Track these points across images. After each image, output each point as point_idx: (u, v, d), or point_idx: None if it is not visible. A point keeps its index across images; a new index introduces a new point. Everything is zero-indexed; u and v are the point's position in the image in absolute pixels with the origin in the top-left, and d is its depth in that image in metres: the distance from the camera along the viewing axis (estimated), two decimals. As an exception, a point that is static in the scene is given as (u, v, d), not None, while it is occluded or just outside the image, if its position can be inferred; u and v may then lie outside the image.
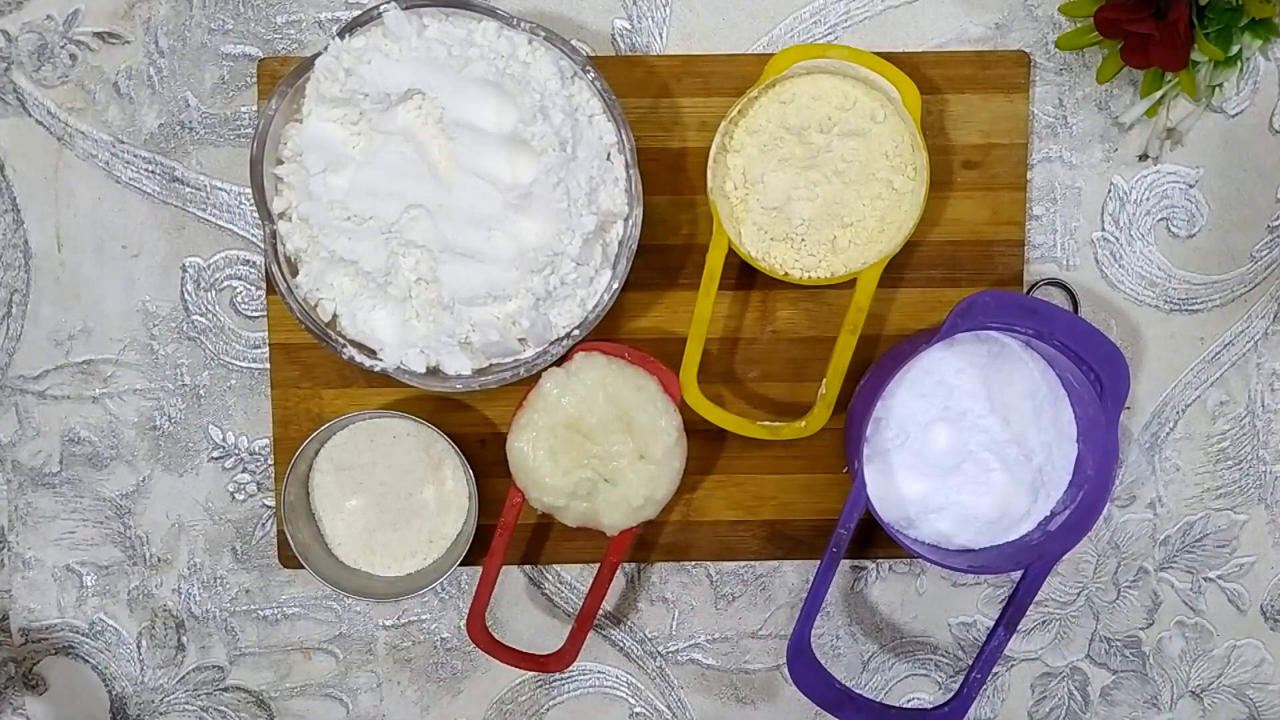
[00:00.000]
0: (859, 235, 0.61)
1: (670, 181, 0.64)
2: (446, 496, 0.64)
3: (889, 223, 0.61)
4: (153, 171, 0.65)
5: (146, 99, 0.64)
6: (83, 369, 0.65)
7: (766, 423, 0.62)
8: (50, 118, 0.64)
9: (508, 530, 0.61)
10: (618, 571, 0.65)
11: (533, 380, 0.59)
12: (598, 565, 0.62)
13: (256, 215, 0.59)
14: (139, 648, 0.67)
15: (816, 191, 0.60)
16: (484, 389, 0.58)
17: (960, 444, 0.62)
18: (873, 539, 0.66)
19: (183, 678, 0.67)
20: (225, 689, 0.67)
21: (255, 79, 0.64)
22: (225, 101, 0.64)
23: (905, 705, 0.68)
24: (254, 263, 0.65)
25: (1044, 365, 0.62)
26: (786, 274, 0.61)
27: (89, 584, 0.66)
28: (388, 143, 0.56)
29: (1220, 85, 0.63)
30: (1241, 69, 0.64)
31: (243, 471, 0.66)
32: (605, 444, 0.59)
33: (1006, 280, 0.65)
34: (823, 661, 0.65)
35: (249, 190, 0.57)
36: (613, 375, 0.59)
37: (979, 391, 0.61)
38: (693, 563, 0.67)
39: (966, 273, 0.65)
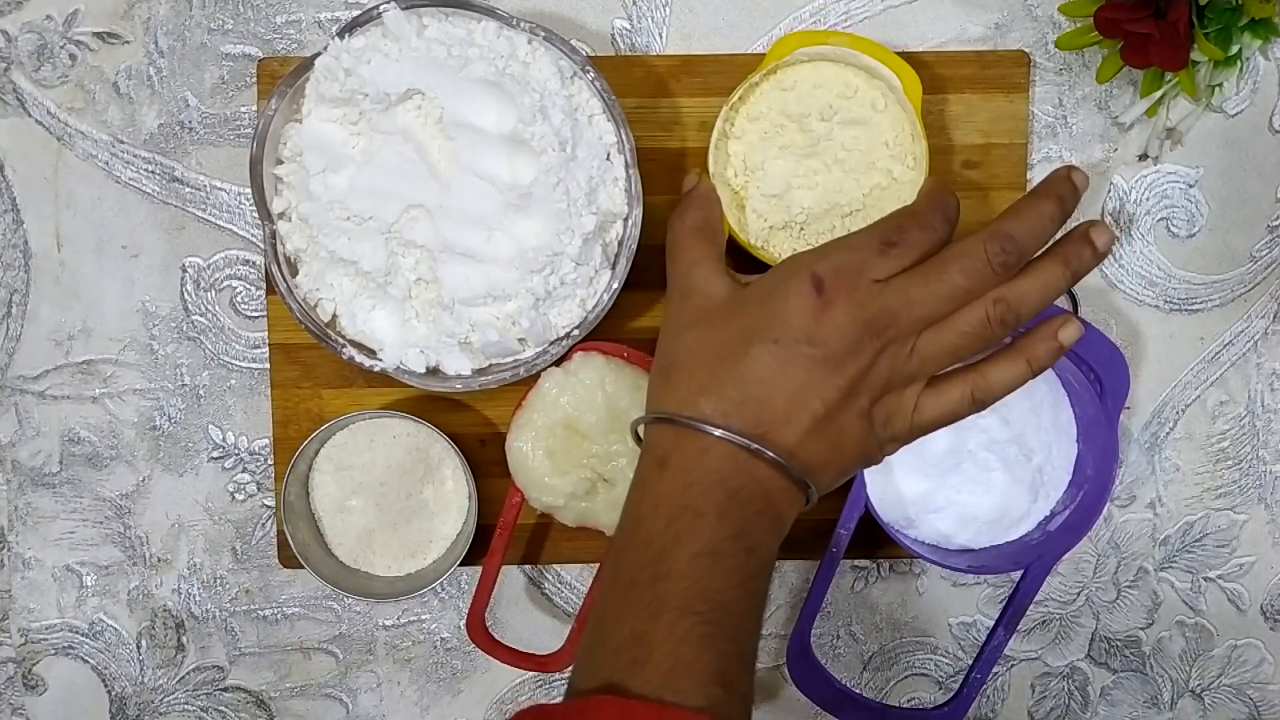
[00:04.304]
0: (858, 224, 0.60)
1: (670, 181, 0.64)
2: (446, 496, 0.64)
3: (888, 212, 0.60)
4: (152, 171, 0.65)
5: (146, 99, 0.64)
6: (83, 369, 0.65)
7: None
8: (50, 118, 0.64)
9: (507, 530, 0.62)
10: (618, 571, 0.65)
11: (532, 380, 0.59)
12: (598, 565, 0.62)
13: (256, 215, 0.59)
14: (139, 648, 0.67)
15: (816, 180, 0.60)
16: (484, 389, 0.58)
17: (960, 443, 0.62)
18: (873, 539, 0.66)
19: (183, 678, 0.67)
20: (225, 689, 0.67)
21: (255, 79, 0.64)
22: (225, 101, 0.64)
23: (905, 705, 0.68)
24: (254, 263, 0.65)
25: (1044, 365, 0.62)
26: None
27: (89, 584, 0.66)
28: (387, 143, 0.56)
29: (1220, 85, 0.63)
30: (1241, 69, 0.64)
31: (243, 471, 0.66)
32: (604, 443, 0.59)
33: (1006, 280, 0.65)
34: (823, 661, 0.65)
35: (249, 190, 0.57)
36: (611, 375, 0.59)
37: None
38: (693, 563, 0.67)
39: (966, 273, 0.65)
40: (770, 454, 0.44)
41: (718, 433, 0.44)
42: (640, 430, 0.49)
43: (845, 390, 0.45)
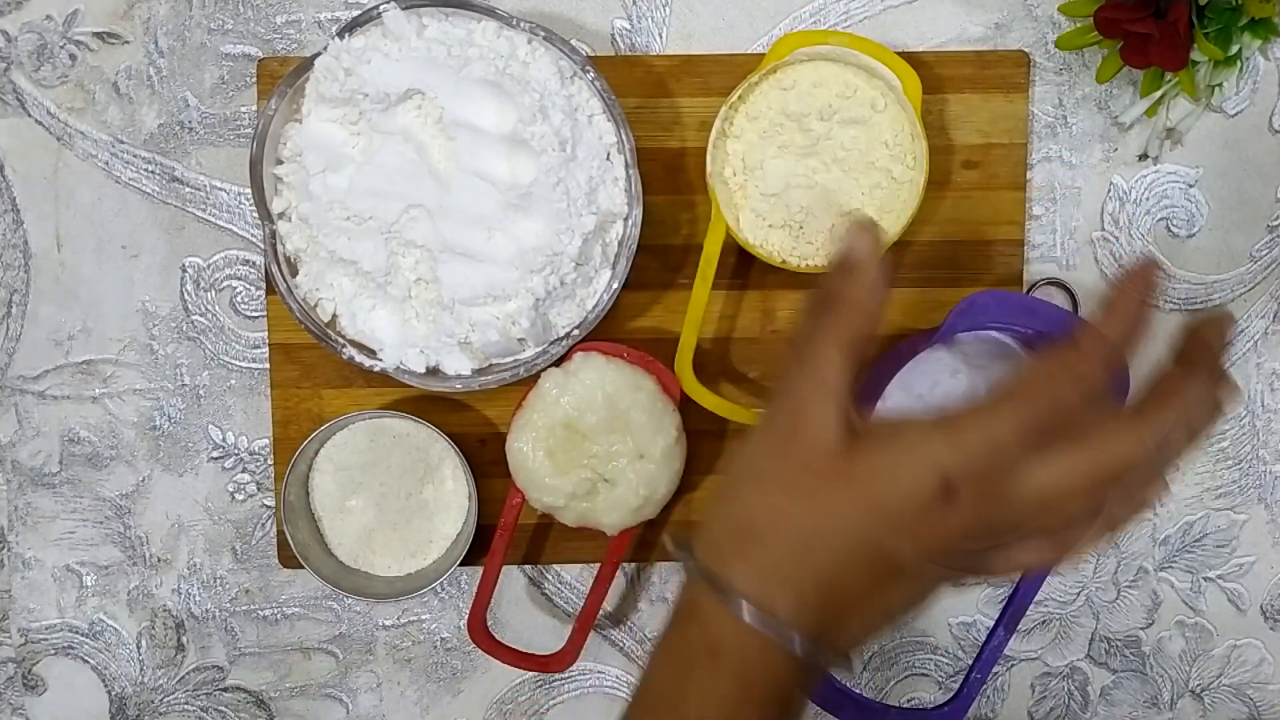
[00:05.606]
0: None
1: (670, 181, 0.64)
2: (446, 496, 0.64)
3: (887, 212, 0.60)
4: (152, 171, 0.65)
5: (146, 99, 0.64)
6: (82, 369, 0.65)
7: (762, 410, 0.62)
8: (50, 118, 0.64)
9: (508, 530, 0.62)
10: (618, 571, 0.65)
11: (532, 380, 0.59)
12: (598, 565, 0.62)
13: (256, 215, 0.59)
14: (139, 648, 0.67)
15: (815, 179, 0.60)
16: (484, 389, 0.58)
17: (960, 444, 0.62)
18: (873, 539, 0.66)
19: (183, 678, 0.67)
20: (225, 689, 0.67)
21: (255, 79, 0.64)
22: (225, 101, 0.64)
23: (905, 705, 0.68)
24: (254, 263, 0.65)
25: (1044, 365, 0.62)
26: (784, 261, 0.61)
27: (89, 584, 0.66)
28: (387, 143, 0.56)
29: (1220, 85, 0.63)
30: (1241, 69, 0.64)
31: (242, 471, 0.66)
32: (604, 444, 0.59)
33: (1006, 280, 0.65)
34: (823, 661, 0.65)
35: (249, 190, 0.57)
36: (611, 375, 0.59)
37: (978, 391, 0.61)
38: (693, 563, 0.67)
39: (966, 273, 0.65)
40: (824, 660, 0.39)
41: (796, 647, 0.39)
42: (674, 547, 0.42)
43: (928, 594, 0.41)
